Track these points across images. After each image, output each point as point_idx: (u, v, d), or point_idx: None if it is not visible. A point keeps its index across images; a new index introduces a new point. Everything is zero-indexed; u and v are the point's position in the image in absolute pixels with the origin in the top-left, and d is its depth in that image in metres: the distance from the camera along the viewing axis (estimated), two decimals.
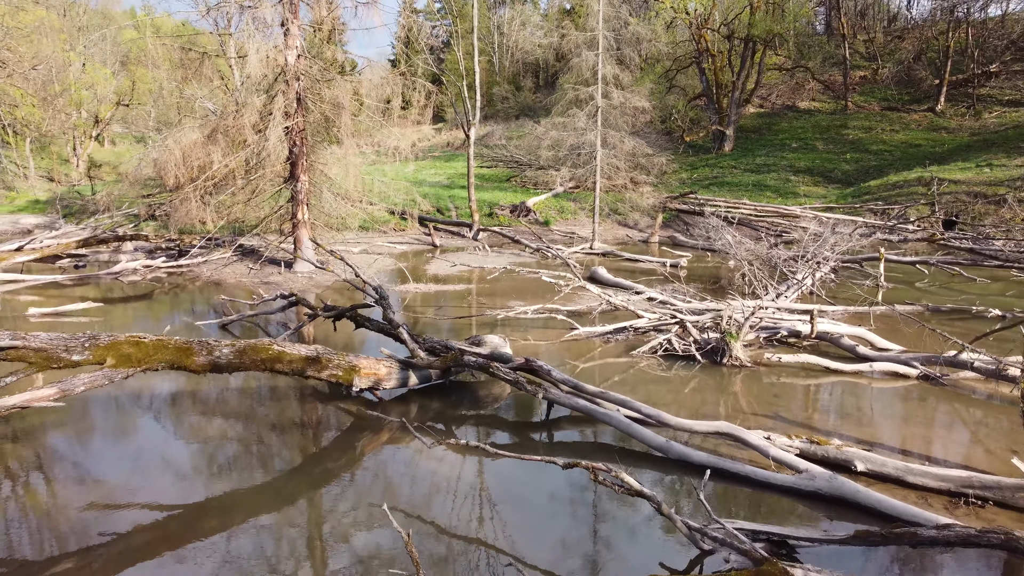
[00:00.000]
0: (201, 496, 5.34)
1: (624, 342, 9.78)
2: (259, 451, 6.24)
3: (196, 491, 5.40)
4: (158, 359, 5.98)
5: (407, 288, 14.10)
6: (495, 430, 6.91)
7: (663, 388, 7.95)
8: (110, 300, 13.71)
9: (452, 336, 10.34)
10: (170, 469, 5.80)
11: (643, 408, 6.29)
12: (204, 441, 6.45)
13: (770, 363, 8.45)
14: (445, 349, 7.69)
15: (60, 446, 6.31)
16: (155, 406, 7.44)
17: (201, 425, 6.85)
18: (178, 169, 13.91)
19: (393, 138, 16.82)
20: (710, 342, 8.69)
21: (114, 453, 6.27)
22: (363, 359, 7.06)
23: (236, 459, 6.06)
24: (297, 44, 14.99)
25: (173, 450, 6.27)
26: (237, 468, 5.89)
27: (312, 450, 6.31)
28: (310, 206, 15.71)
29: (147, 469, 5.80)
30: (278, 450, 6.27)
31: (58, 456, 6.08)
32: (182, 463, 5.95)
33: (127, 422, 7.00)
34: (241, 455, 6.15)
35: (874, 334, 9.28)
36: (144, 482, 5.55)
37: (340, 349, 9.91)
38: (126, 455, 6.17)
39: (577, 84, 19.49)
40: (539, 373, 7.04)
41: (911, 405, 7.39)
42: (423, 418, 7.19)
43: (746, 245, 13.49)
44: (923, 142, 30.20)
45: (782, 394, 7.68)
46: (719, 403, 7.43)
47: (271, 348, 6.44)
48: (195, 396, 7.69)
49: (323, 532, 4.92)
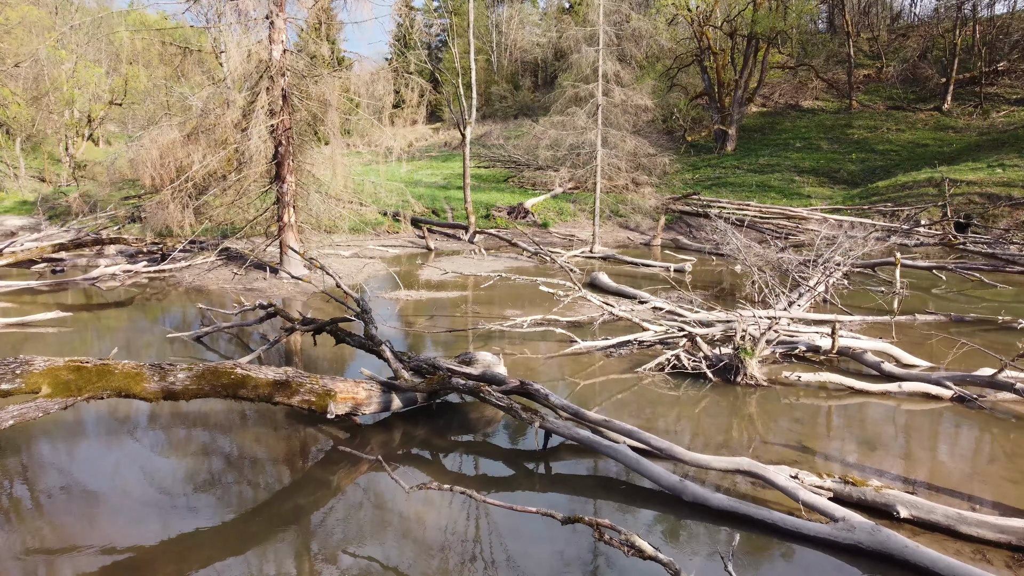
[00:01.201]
0: (154, 539, 4.64)
1: (628, 357, 9.07)
2: (218, 487, 5.52)
3: (148, 533, 4.69)
4: (102, 387, 5.26)
5: (397, 295, 13.38)
6: (486, 461, 6.19)
7: (671, 411, 7.23)
8: (84, 308, 12.99)
9: (443, 350, 9.63)
10: (117, 509, 5.08)
11: (652, 440, 5.58)
12: (159, 474, 5.73)
13: (788, 382, 7.73)
14: (432, 369, 6.97)
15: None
16: (101, 433, 6.71)
17: (154, 455, 6.12)
18: (155, 170, 13.18)
19: (387, 137, 16.10)
20: (722, 358, 7.97)
21: (54, 489, 5.55)
22: (340, 381, 6.34)
23: (192, 496, 5.34)
24: (283, 39, 14.27)
25: (122, 485, 5.55)
26: (193, 507, 5.16)
27: (276, 487, 5.58)
28: (297, 208, 14.99)
29: (89, 508, 5.08)
30: (239, 487, 5.55)
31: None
32: (131, 500, 5.23)
33: (67, 452, 6.27)
34: (198, 491, 5.43)
35: (899, 349, 8.57)
36: (86, 524, 4.84)
37: (328, 361, 9.26)
38: (67, 491, 5.45)
39: (577, 81, 18.78)
40: (535, 397, 6.32)
41: (949, 433, 6.68)
42: (407, 446, 6.48)
43: (755, 250, 12.78)
44: (930, 142, 29.53)
45: (804, 419, 6.97)
46: (734, 429, 6.72)
47: (234, 372, 5.72)
48: (149, 420, 6.96)
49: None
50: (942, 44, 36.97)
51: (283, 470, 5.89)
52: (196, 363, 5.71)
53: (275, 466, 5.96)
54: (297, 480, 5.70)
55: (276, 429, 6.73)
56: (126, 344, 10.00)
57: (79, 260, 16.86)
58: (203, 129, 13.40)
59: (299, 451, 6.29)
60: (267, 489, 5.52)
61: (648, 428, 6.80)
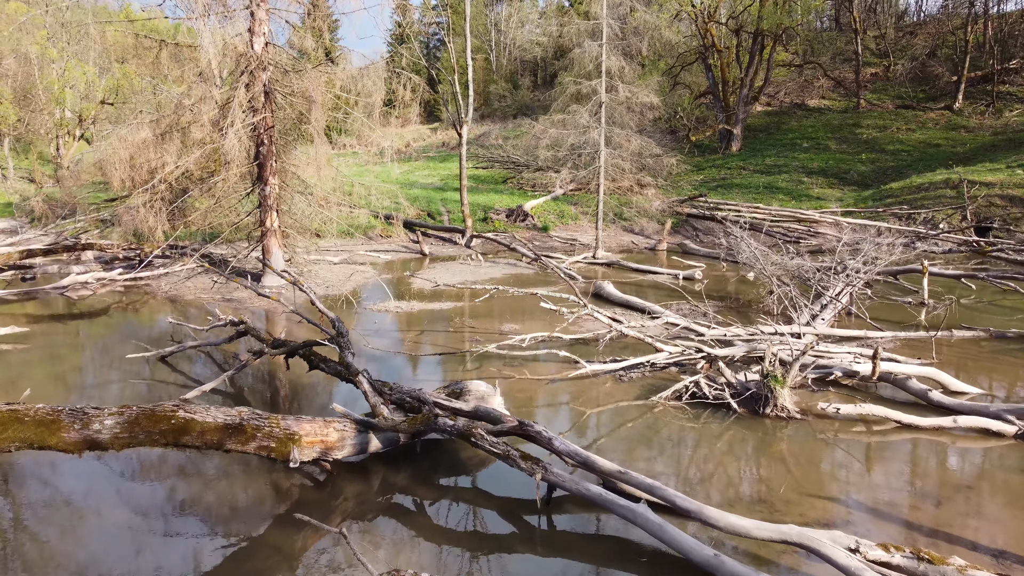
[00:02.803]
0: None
1: (640, 380, 8.12)
2: (140, 557, 4.56)
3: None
4: (9, 439, 4.31)
5: (387, 307, 12.42)
6: (478, 514, 5.25)
7: (693, 451, 6.29)
8: (52, 319, 12.05)
9: (432, 374, 8.67)
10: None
11: (678, 500, 4.63)
12: (76, 538, 4.77)
13: (824, 414, 6.78)
14: (417, 403, 6.02)
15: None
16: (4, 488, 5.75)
17: (69, 512, 5.16)
18: (124, 171, 12.21)
19: (378, 136, 15.13)
20: (748, 387, 7.02)
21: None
22: (306, 422, 5.39)
23: (109, 570, 4.39)
24: (264, 31, 13.32)
25: (25, 554, 4.59)
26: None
27: (211, 563, 4.58)
28: (281, 212, 14.02)
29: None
30: (165, 561, 4.57)
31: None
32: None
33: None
34: (115, 564, 4.47)
35: (945, 374, 7.62)
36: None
37: (305, 388, 8.25)
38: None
39: (579, 78, 17.81)
40: (537, 440, 5.37)
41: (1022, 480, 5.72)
42: (386, 493, 5.55)
43: (772, 258, 11.83)
44: (942, 142, 28.58)
45: (848, 461, 6.02)
46: (769, 475, 5.77)
47: (175, 416, 4.76)
48: (67, 465, 5.99)
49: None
50: (951, 41, 36.04)
51: (220, 542, 4.83)
52: (128, 406, 4.75)
53: (212, 533, 4.92)
54: (238, 555, 4.68)
55: (227, 476, 5.75)
56: (81, 367, 9.04)
57: (51, 267, 15.88)
58: (178, 128, 12.44)
59: (250, 510, 5.26)
60: (196, 571, 4.49)
61: (667, 472, 5.86)
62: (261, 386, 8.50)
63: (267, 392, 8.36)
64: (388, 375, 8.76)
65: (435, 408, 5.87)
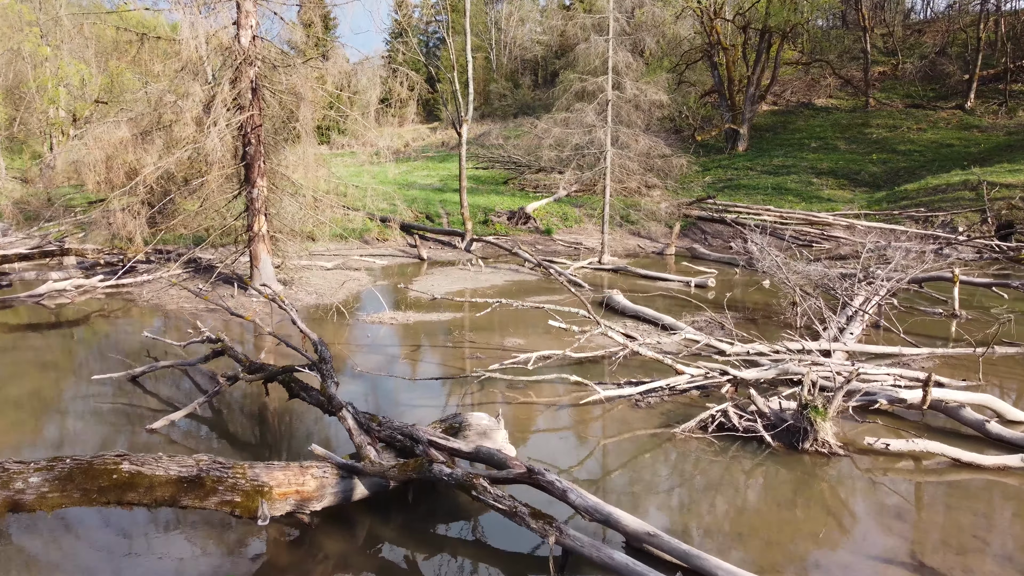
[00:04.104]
0: None
1: (658, 405, 7.33)
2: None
3: None
4: None
5: (382, 318, 11.63)
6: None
7: (725, 495, 5.49)
8: (23, 329, 11.28)
9: (428, 397, 7.88)
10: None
11: (721, 573, 3.84)
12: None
13: (870, 449, 5.99)
14: (410, 441, 5.23)
15: None
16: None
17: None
18: (100, 173, 11.41)
19: (373, 135, 14.34)
20: (784, 417, 6.22)
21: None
22: (277, 470, 4.60)
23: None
24: (252, 23, 12.52)
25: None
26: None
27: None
28: (270, 216, 13.24)
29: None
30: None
31: None
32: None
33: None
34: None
35: (998, 400, 6.84)
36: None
37: (293, 416, 7.40)
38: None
39: (584, 74, 17.00)
40: (549, 491, 4.59)
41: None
42: (371, 548, 4.78)
43: (795, 267, 11.04)
44: (955, 142, 27.79)
45: (904, 509, 5.23)
46: (816, 528, 4.98)
47: (118, 469, 3.98)
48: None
49: None
50: (961, 39, 35.26)
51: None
52: (60, 459, 3.96)
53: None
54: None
55: (179, 530, 4.96)
56: (40, 390, 8.24)
57: (28, 273, 15.09)
58: (159, 127, 11.66)
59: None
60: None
61: (697, 525, 5.07)
62: (237, 414, 7.71)
63: (243, 420, 7.57)
64: (379, 399, 7.99)
65: (430, 448, 5.10)
